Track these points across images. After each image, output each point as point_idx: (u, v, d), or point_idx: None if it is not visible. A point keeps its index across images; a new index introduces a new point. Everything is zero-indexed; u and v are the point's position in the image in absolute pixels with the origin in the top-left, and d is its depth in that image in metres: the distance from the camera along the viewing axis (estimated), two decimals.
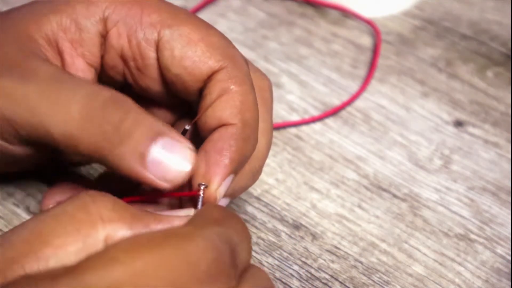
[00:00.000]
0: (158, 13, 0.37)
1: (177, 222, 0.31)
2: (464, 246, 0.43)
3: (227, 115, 0.35)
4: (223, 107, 0.35)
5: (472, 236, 0.44)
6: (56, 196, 0.40)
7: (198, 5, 0.58)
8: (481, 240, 0.44)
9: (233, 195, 0.37)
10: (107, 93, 0.33)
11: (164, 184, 0.33)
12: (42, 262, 0.28)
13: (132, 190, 0.38)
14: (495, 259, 0.43)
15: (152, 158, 0.32)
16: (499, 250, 0.43)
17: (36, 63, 0.35)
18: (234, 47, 0.37)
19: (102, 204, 0.29)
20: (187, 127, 0.36)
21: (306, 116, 0.50)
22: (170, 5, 0.38)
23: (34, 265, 0.27)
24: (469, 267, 0.42)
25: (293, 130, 0.49)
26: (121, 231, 0.29)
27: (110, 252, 0.27)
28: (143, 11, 0.37)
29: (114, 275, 0.26)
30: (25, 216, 0.42)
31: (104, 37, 0.37)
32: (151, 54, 0.37)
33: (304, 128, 0.50)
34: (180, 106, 0.40)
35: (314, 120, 0.50)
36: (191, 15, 0.38)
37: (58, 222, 0.28)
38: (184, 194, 0.35)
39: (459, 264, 0.42)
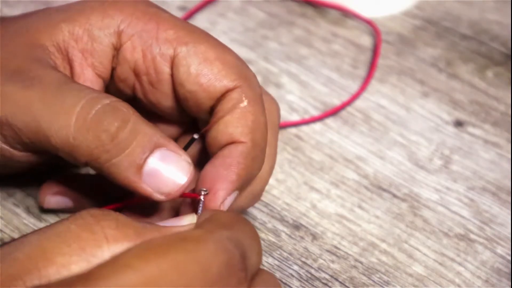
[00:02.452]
0: (175, 30, 0.37)
1: None
2: (464, 246, 0.43)
3: (239, 132, 0.35)
4: (235, 124, 0.35)
5: (472, 236, 0.44)
6: (53, 187, 0.40)
7: (198, 5, 0.58)
8: (481, 240, 0.44)
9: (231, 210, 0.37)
10: (106, 100, 0.33)
11: (159, 197, 0.33)
12: (45, 279, 0.27)
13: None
14: (495, 259, 0.43)
15: (148, 170, 0.32)
16: (499, 250, 0.43)
17: (43, 70, 0.35)
18: (248, 67, 0.38)
19: (106, 224, 0.29)
20: (196, 136, 0.35)
21: (306, 116, 0.50)
22: (186, 23, 0.38)
23: (36, 283, 0.27)
24: (469, 267, 0.42)
25: (293, 130, 0.49)
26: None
27: (122, 259, 0.27)
28: (159, 26, 0.37)
29: (128, 281, 0.26)
30: (25, 216, 0.42)
31: (117, 49, 0.37)
32: (166, 69, 0.37)
33: (304, 128, 0.50)
34: (186, 121, 0.40)
35: (314, 120, 0.50)
36: (206, 33, 0.38)
37: (62, 240, 0.28)
38: (186, 195, 0.35)
39: (459, 264, 0.42)
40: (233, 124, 0.36)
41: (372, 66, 0.54)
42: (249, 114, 0.36)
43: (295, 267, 0.41)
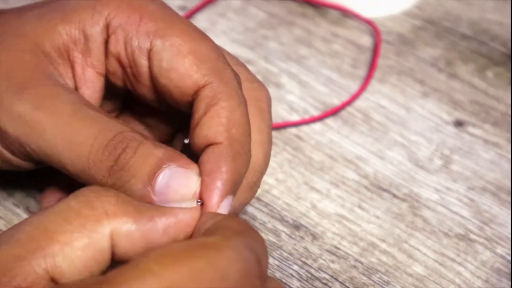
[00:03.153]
0: (155, 22, 0.36)
1: (181, 215, 0.31)
2: (464, 246, 0.43)
3: (213, 133, 0.35)
4: (209, 125, 0.35)
5: (472, 236, 0.44)
6: (56, 194, 0.40)
7: (198, 5, 0.58)
8: (481, 240, 0.44)
9: (233, 212, 0.37)
10: (117, 130, 0.33)
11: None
12: (49, 258, 0.28)
13: None
14: (495, 259, 0.43)
15: (159, 188, 0.33)
16: (499, 250, 0.43)
17: (54, 88, 0.35)
18: (224, 60, 0.37)
19: (106, 199, 0.29)
20: (186, 141, 0.35)
21: (306, 116, 0.50)
22: (170, 14, 0.37)
23: (41, 262, 0.28)
24: (469, 267, 0.42)
25: (293, 130, 0.49)
26: (126, 225, 0.30)
27: (142, 263, 0.27)
28: (141, 19, 0.37)
29: (148, 286, 0.26)
30: (25, 216, 0.42)
31: (107, 43, 0.37)
32: (144, 62, 0.37)
33: (304, 128, 0.50)
34: (180, 115, 0.40)
35: (314, 120, 0.50)
36: (188, 25, 0.37)
37: (63, 218, 0.29)
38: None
39: (459, 264, 0.42)
40: (206, 125, 0.35)
41: (372, 66, 0.54)
42: (222, 111, 0.35)
43: (295, 267, 0.41)
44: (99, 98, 0.38)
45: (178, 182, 0.33)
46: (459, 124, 0.50)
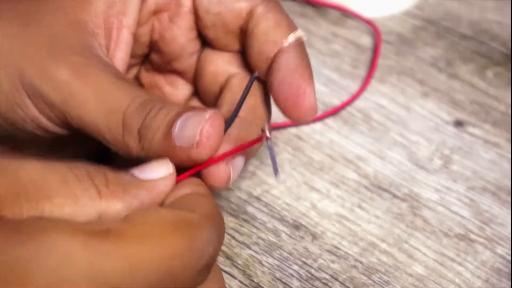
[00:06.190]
0: None
1: (163, 186, 0.32)
2: (464, 246, 0.43)
3: (281, 37, 0.37)
4: (275, 31, 0.37)
5: (472, 236, 0.44)
6: None
7: None
8: (481, 240, 0.44)
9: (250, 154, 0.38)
10: (142, 98, 0.35)
11: (196, 151, 0.33)
12: (38, 212, 0.29)
13: None
14: (495, 259, 0.43)
15: (177, 133, 0.33)
16: (499, 250, 0.43)
17: (94, 59, 0.36)
18: None
19: (98, 181, 0.31)
20: (256, 74, 0.37)
21: None
22: None
23: (31, 211, 0.29)
24: (469, 267, 0.42)
25: (293, 130, 0.49)
26: (115, 207, 0.31)
27: (147, 226, 0.28)
28: None
29: (147, 252, 0.27)
30: None
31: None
32: (186, 3, 0.39)
33: (304, 128, 0.50)
34: (194, 80, 0.41)
35: (314, 120, 0.50)
36: None
37: (64, 184, 0.30)
38: (251, 143, 0.34)
39: (459, 264, 0.42)
40: (273, 31, 0.37)
41: (372, 66, 0.54)
42: (279, 20, 0.37)
43: (295, 267, 0.41)
44: (128, 59, 0.39)
45: (192, 122, 0.33)
46: (459, 124, 0.50)
